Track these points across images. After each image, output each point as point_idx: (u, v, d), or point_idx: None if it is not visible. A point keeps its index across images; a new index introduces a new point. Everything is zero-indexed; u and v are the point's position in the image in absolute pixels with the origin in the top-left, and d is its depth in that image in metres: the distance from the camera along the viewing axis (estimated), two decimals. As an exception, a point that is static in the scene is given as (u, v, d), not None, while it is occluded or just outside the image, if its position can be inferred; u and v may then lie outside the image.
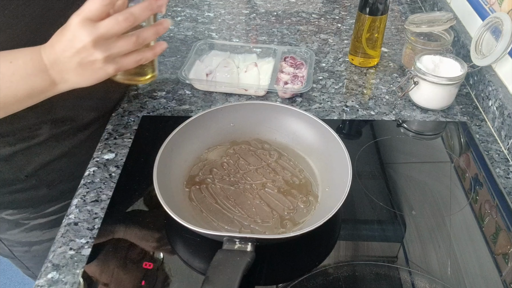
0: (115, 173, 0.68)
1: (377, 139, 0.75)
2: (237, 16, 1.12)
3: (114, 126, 0.77)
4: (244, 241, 0.52)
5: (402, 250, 0.58)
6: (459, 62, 0.80)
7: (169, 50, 0.98)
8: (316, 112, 0.81)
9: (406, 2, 1.20)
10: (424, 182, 0.68)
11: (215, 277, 0.48)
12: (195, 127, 0.67)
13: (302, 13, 1.14)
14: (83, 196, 0.64)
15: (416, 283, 0.54)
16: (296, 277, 0.54)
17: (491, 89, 0.78)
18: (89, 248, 0.57)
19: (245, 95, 0.84)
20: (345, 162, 0.60)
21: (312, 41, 1.02)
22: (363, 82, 0.89)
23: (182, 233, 0.59)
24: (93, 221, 0.61)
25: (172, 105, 0.82)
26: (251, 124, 0.71)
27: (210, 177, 0.65)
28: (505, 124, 0.73)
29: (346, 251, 0.58)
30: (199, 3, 1.18)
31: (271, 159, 0.68)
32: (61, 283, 0.54)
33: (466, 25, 0.95)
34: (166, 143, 0.62)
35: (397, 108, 0.82)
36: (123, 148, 0.72)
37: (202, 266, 0.56)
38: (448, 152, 0.74)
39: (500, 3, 0.80)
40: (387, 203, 0.64)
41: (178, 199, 0.61)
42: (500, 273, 0.55)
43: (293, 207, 0.61)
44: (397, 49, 0.99)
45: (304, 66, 0.88)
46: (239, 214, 0.60)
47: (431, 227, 0.61)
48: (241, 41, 1.02)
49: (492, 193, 0.66)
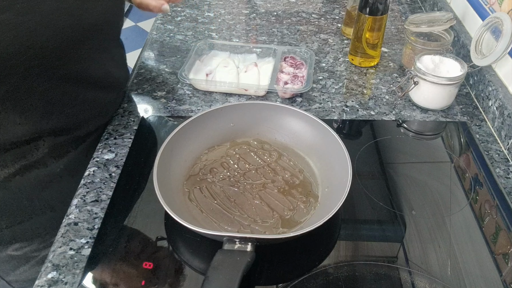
0: (115, 173, 0.68)
1: (377, 139, 0.75)
2: (237, 16, 1.12)
3: (114, 126, 0.77)
4: (244, 241, 0.52)
5: (402, 250, 0.58)
6: (459, 62, 0.80)
7: (169, 50, 0.98)
8: (316, 112, 0.81)
9: (406, 2, 1.20)
10: (424, 182, 0.68)
11: (215, 277, 0.48)
12: (195, 127, 0.67)
13: (302, 13, 1.14)
14: (83, 196, 0.64)
15: (416, 283, 0.54)
16: (296, 277, 0.54)
17: (491, 89, 0.78)
18: (89, 248, 0.57)
19: (245, 95, 0.84)
20: (345, 162, 0.60)
21: (312, 41, 1.02)
22: (363, 82, 0.89)
23: (182, 233, 0.59)
24: (93, 221, 0.61)
25: (172, 105, 0.82)
26: (251, 124, 0.71)
27: (210, 177, 0.65)
28: (505, 124, 0.73)
29: (346, 251, 0.58)
30: (199, 3, 1.18)
31: (271, 159, 0.68)
32: (61, 283, 0.54)
33: (466, 25, 0.95)
34: (166, 143, 0.62)
35: (397, 108, 0.82)
36: (123, 148, 0.72)
37: (202, 266, 0.56)
38: (448, 152, 0.74)
39: (500, 3, 0.80)
40: (387, 203, 0.64)
41: (178, 199, 0.61)
42: (500, 273, 0.55)
43: (293, 207, 0.61)
44: (397, 49, 0.99)
45: (304, 66, 0.88)
46: (239, 214, 0.60)
47: (431, 227, 0.61)
48: (241, 41, 1.02)
49: (492, 193, 0.66)
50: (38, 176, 0.67)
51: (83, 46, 0.62)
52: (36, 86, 0.59)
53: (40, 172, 0.67)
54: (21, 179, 0.65)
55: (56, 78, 0.61)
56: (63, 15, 0.56)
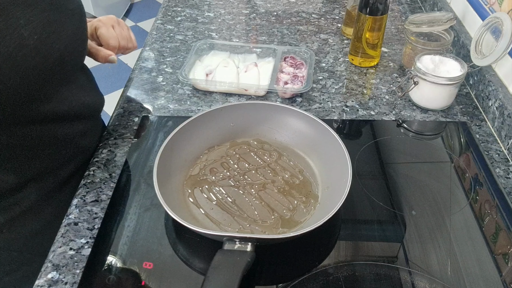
0: (115, 173, 0.68)
1: (377, 139, 0.75)
2: (237, 16, 1.12)
3: (114, 126, 0.77)
4: (244, 241, 0.52)
5: (402, 250, 0.58)
6: (459, 62, 0.80)
7: (169, 50, 0.98)
8: (316, 112, 0.81)
9: (406, 2, 1.20)
10: (424, 182, 0.68)
11: (215, 277, 0.48)
12: (195, 127, 0.67)
13: (302, 13, 1.14)
14: (83, 196, 0.64)
15: (416, 283, 0.54)
16: (296, 277, 0.54)
17: (491, 89, 0.78)
18: (89, 248, 0.57)
19: (245, 95, 0.84)
20: (345, 162, 0.60)
21: (312, 41, 1.02)
22: (363, 82, 0.89)
23: (182, 233, 0.59)
24: (93, 221, 0.61)
25: (172, 105, 0.82)
26: (251, 124, 0.71)
27: (210, 177, 0.65)
28: (505, 124, 0.73)
29: (346, 251, 0.58)
30: (199, 3, 1.18)
31: (271, 159, 0.68)
32: (61, 283, 0.54)
33: (466, 25, 0.95)
34: (166, 143, 0.62)
35: (397, 108, 0.82)
36: (123, 148, 0.72)
37: (202, 266, 0.56)
38: (448, 152, 0.74)
39: (500, 3, 0.80)
40: (387, 203, 0.64)
41: (178, 199, 0.61)
42: (500, 273, 0.55)
43: (293, 207, 0.61)
44: (397, 49, 0.99)
45: (304, 66, 0.88)
46: (239, 214, 0.60)
47: (431, 227, 0.61)
48: (241, 41, 1.02)
49: (492, 193, 0.66)
50: (27, 225, 0.64)
51: (50, 83, 0.56)
52: (10, 135, 0.55)
53: (28, 222, 0.64)
54: (9, 232, 0.62)
55: (28, 122, 0.56)
56: (29, 54, 0.51)
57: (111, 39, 0.72)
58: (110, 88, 2.22)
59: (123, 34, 0.75)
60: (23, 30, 0.50)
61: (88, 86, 0.69)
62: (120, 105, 0.82)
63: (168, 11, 1.13)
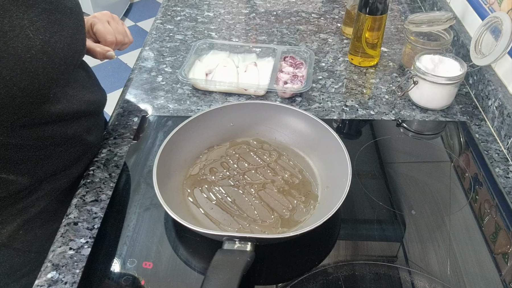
0: (115, 173, 0.68)
1: (376, 139, 0.75)
2: (236, 16, 1.12)
3: (114, 126, 0.77)
4: (243, 241, 0.52)
5: (402, 250, 0.58)
6: (459, 62, 0.80)
7: (168, 49, 0.98)
8: (315, 111, 0.81)
9: (406, 1, 1.20)
10: (424, 182, 0.68)
11: (215, 277, 0.48)
12: (195, 127, 0.67)
13: (301, 13, 1.14)
14: (82, 196, 0.64)
15: (416, 283, 0.54)
16: (296, 276, 0.54)
17: (490, 88, 0.79)
18: (88, 248, 0.57)
19: (244, 95, 0.84)
20: (345, 162, 0.60)
21: (312, 41, 1.02)
22: (362, 81, 0.89)
23: (181, 233, 0.59)
24: (92, 220, 0.61)
25: (172, 105, 0.82)
26: (251, 124, 0.71)
27: (210, 177, 0.65)
28: (505, 124, 0.73)
29: (346, 250, 0.58)
30: (198, 2, 1.18)
31: (270, 159, 0.68)
32: (61, 283, 0.54)
33: (465, 24, 0.95)
34: (166, 143, 0.62)
35: (397, 108, 0.82)
36: (122, 148, 0.72)
37: (202, 266, 0.56)
38: (447, 152, 0.74)
39: (499, 3, 0.80)
40: (386, 203, 0.64)
41: (177, 199, 0.61)
42: (500, 273, 0.55)
43: (293, 207, 0.61)
44: (397, 49, 0.99)
45: (304, 66, 0.88)
46: (239, 213, 0.60)
47: (430, 227, 0.61)
48: (241, 40, 1.02)
49: (491, 193, 0.66)
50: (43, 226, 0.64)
51: (58, 83, 0.56)
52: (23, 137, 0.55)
53: (45, 223, 0.64)
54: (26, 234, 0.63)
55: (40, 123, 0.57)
56: (36, 54, 0.51)
57: (108, 35, 0.72)
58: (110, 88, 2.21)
59: (119, 29, 0.75)
60: (29, 31, 0.50)
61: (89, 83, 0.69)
62: (120, 105, 0.82)
63: (167, 11, 1.13)
